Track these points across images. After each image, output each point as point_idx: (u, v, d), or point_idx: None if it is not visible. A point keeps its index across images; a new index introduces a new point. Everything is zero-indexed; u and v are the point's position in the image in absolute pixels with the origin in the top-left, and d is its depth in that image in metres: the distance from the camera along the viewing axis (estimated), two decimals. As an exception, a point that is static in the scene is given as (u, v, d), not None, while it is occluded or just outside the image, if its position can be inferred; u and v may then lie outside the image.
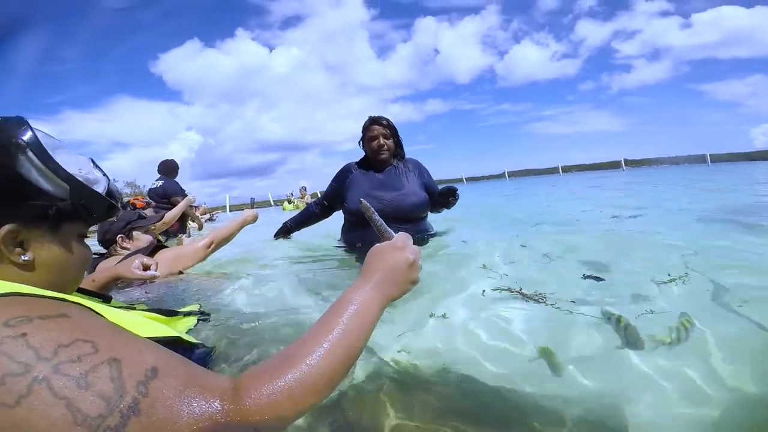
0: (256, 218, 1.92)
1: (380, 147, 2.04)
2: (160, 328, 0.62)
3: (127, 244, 1.75)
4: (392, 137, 2.08)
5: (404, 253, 0.61)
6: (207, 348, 0.74)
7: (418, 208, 2.04)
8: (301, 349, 0.47)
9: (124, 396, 0.37)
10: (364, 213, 0.69)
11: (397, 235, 0.65)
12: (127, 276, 1.20)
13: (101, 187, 0.59)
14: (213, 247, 1.69)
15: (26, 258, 0.51)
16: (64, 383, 0.36)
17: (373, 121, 2.07)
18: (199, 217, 4.83)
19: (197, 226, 4.70)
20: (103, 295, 0.71)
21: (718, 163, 16.27)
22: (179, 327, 0.80)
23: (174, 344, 0.58)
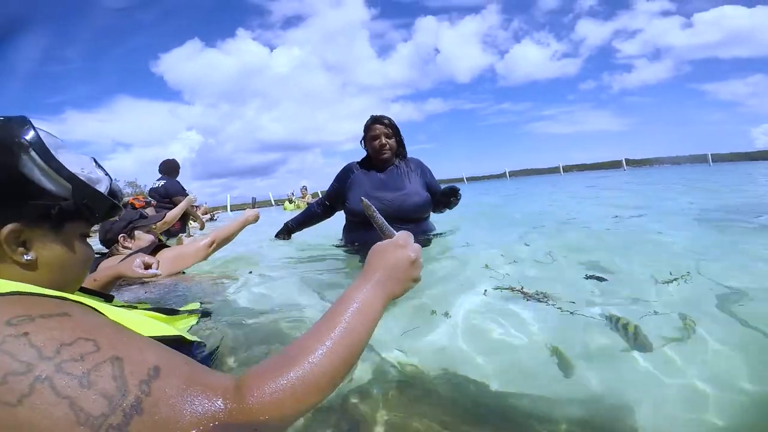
0: (258, 218, 1.92)
1: (382, 146, 2.02)
2: (162, 327, 0.62)
3: (129, 244, 1.75)
4: (394, 137, 2.06)
5: (405, 251, 0.61)
6: (209, 347, 0.74)
7: (420, 208, 2.02)
8: (303, 347, 0.47)
9: (127, 395, 0.37)
10: (365, 211, 0.69)
11: (399, 233, 0.65)
12: (128, 275, 1.20)
13: (103, 186, 0.59)
14: (214, 246, 1.69)
15: (29, 257, 0.51)
16: (66, 382, 0.36)
17: (374, 121, 2.06)
18: (201, 216, 4.84)
19: (199, 226, 4.71)
20: (104, 294, 0.71)
21: (720, 162, 16.21)
22: (181, 326, 0.80)
23: (176, 343, 0.58)
